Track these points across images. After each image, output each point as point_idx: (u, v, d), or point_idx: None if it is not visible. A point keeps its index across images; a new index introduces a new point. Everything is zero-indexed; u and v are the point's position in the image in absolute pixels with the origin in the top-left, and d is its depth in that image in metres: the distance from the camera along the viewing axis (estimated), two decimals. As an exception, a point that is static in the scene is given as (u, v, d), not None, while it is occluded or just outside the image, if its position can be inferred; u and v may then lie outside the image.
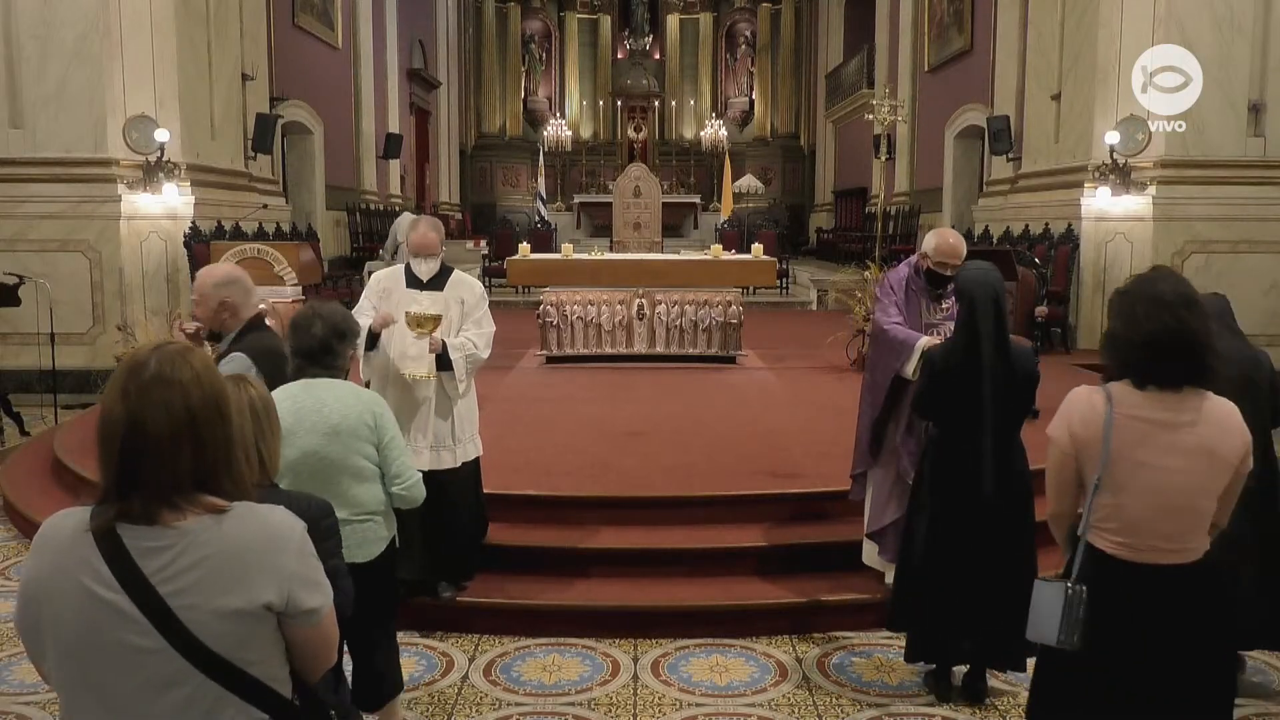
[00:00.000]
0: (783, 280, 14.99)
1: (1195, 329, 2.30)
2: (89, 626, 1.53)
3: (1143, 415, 2.34)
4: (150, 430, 1.53)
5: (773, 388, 8.33)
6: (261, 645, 1.61)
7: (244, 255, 7.08)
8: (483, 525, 4.64)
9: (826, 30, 24.03)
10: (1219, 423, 2.35)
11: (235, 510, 1.59)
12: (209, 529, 1.56)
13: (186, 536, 1.54)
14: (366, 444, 3.06)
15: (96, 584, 1.52)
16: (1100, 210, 10.10)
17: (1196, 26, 9.57)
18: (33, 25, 9.21)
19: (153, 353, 1.59)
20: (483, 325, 4.41)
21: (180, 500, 1.56)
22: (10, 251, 8.95)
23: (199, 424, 1.56)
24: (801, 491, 5.19)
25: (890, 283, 4.50)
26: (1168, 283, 2.38)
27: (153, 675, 1.54)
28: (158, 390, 1.54)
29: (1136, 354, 2.35)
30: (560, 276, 9.48)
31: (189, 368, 1.58)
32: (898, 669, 4.13)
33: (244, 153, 11.34)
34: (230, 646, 1.56)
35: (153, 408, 1.53)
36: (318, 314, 3.18)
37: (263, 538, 1.60)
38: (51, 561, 1.57)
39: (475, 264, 15.17)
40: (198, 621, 1.53)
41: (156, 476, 1.54)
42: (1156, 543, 2.35)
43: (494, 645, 4.32)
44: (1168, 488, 2.32)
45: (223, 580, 1.55)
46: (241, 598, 1.56)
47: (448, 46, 23.37)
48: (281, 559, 1.60)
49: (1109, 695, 2.39)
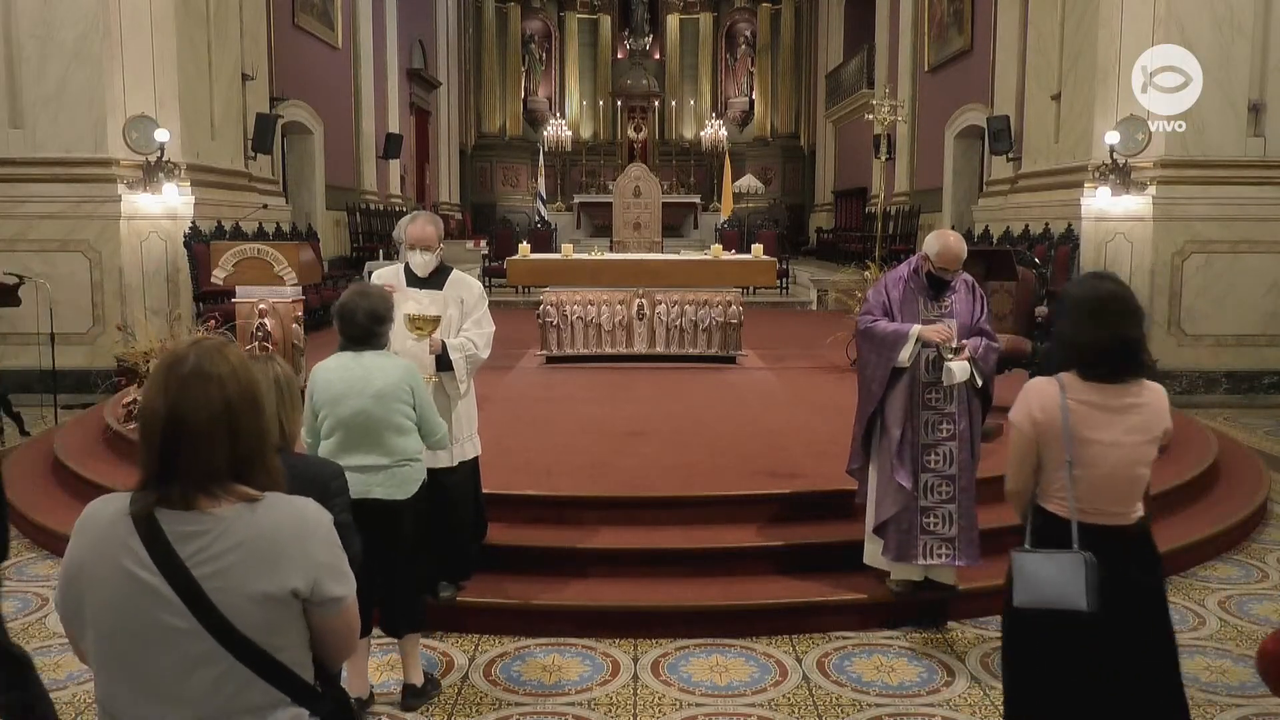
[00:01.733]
0: (783, 280, 14.99)
1: (1134, 337, 2.75)
2: (127, 606, 1.61)
3: (1091, 400, 2.75)
4: (189, 422, 1.61)
5: (773, 387, 8.33)
6: (288, 631, 1.67)
7: (244, 255, 7.07)
8: (483, 525, 4.64)
9: (826, 30, 24.03)
10: (1152, 405, 2.80)
11: (268, 499, 1.67)
12: (243, 516, 1.64)
13: (222, 523, 1.62)
14: (404, 404, 3.64)
15: (135, 565, 1.60)
16: (1100, 210, 10.10)
17: (1196, 26, 9.57)
18: (33, 25, 9.21)
19: (191, 348, 1.68)
20: (482, 325, 4.41)
21: (216, 488, 1.63)
22: (10, 251, 8.94)
23: (236, 416, 1.64)
24: (801, 491, 5.20)
25: (885, 283, 4.52)
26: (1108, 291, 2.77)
27: (185, 655, 1.61)
28: (196, 384, 1.62)
29: (1082, 354, 2.76)
30: (560, 276, 9.48)
31: (226, 362, 1.66)
32: (898, 669, 4.13)
33: (244, 153, 11.34)
34: (259, 630, 1.63)
35: (191, 401, 1.62)
36: (359, 304, 3.64)
37: (294, 527, 1.67)
38: (92, 544, 1.64)
39: (475, 264, 15.17)
40: (229, 604, 1.60)
41: (194, 465, 1.61)
42: (1103, 506, 2.77)
43: (494, 645, 4.32)
44: (1114, 461, 2.74)
45: (254, 565, 1.62)
46: (272, 583, 1.63)
47: (448, 46, 23.37)
48: (311, 547, 1.68)
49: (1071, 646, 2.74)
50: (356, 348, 3.65)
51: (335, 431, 3.62)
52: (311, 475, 2.64)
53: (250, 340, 6.85)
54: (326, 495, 2.55)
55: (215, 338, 1.73)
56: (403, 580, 3.78)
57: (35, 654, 4.18)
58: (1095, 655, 2.72)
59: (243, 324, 6.90)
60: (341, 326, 3.66)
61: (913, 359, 4.27)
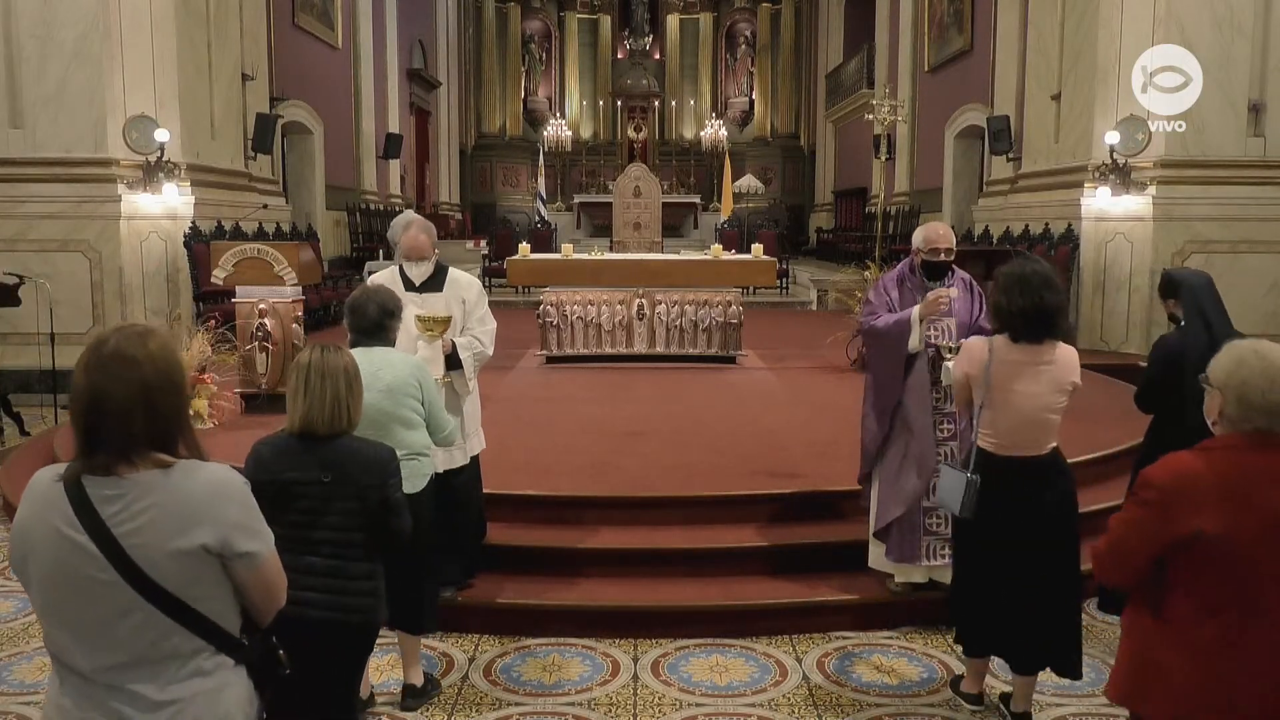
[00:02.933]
0: (783, 280, 14.99)
1: (1052, 304, 3.44)
2: (60, 562, 1.78)
3: (1012, 359, 3.50)
4: (108, 398, 1.77)
5: (773, 388, 8.33)
6: (206, 584, 1.83)
7: (244, 255, 7.07)
8: (483, 525, 4.64)
9: (826, 30, 24.03)
10: (1063, 362, 3.54)
11: (181, 465, 1.83)
12: (158, 480, 1.80)
13: (138, 487, 1.78)
14: (413, 399, 3.63)
15: (66, 526, 1.77)
16: (1100, 210, 10.10)
17: (1196, 26, 9.57)
18: (33, 25, 9.21)
19: (114, 332, 1.84)
20: (486, 322, 4.42)
21: (135, 456, 1.79)
22: (10, 251, 8.94)
23: (151, 393, 1.79)
24: (801, 491, 5.19)
25: (884, 284, 4.51)
26: (1034, 269, 3.47)
27: (111, 605, 1.77)
28: (114, 365, 1.78)
29: (1012, 320, 3.47)
30: (560, 276, 9.48)
31: (144, 346, 1.82)
32: (897, 669, 4.13)
33: (244, 153, 11.34)
34: (177, 582, 1.79)
35: (111, 380, 1.78)
36: (370, 298, 3.68)
37: (205, 489, 1.82)
38: (32, 508, 1.83)
39: (475, 264, 15.17)
40: (146, 559, 1.77)
41: (114, 436, 1.78)
42: (1020, 442, 3.52)
43: (494, 645, 4.32)
44: (1030, 406, 3.49)
45: (167, 523, 1.78)
46: (183, 539, 1.78)
47: (448, 46, 23.37)
48: (220, 507, 1.83)
49: (995, 545, 3.54)
50: (367, 342, 3.66)
51: None
52: (373, 456, 2.85)
53: (250, 340, 6.85)
54: (386, 474, 2.83)
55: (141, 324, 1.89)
56: (415, 577, 3.76)
57: (34, 654, 4.19)
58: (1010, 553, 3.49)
59: (243, 324, 6.89)
60: (353, 321, 3.69)
61: (923, 341, 4.25)
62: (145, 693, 1.80)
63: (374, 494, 2.81)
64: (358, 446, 2.83)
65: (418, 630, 3.85)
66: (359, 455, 2.80)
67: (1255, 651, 2.10)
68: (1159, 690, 2.19)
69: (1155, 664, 2.21)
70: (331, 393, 2.78)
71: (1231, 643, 2.12)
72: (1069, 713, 3.75)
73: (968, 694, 3.83)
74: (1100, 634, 4.40)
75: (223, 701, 1.87)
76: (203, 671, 1.85)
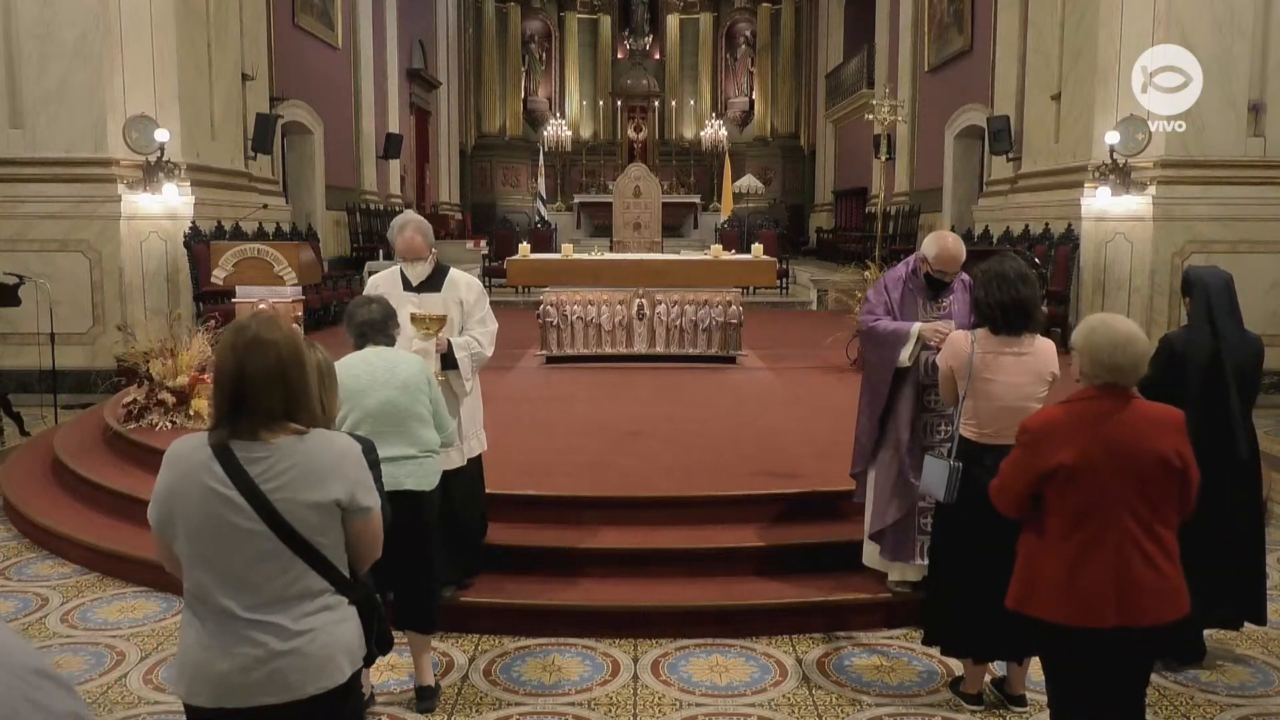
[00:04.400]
0: (783, 280, 14.99)
1: (1028, 298, 3.60)
2: (210, 514, 2.10)
3: (993, 350, 3.63)
4: (252, 375, 2.12)
5: (773, 388, 8.33)
6: (331, 533, 2.19)
7: (244, 255, 7.07)
8: (483, 525, 4.64)
9: (826, 30, 24.03)
10: (1041, 353, 3.66)
11: (313, 433, 2.20)
12: (295, 445, 2.15)
13: (279, 450, 2.13)
14: (425, 395, 3.73)
15: (215, 483, 2.10)
16: (1100, 210, 10.10)
17: (1196, 26, 9.57)
18: (33, 25, 9.21)
19: (251, 319, 2.21)
20: (486, 323, 4.41)
21: (274, 424, 2.14)
22: (10, 251, 8.94)
23: (286, 370, 2.15)
24: (801, 491, 5.19)
25: (885, 282, 4.50)
26: (1011, 266, 3.64)
27: (255, 551, 2.11)
28: (256, 347, 2.13)
29: (991, 312, 3.63)
30: (560, 276, 9.47)
31: (279, 329, 2.18)
32: (897, 669, 4.13)
33: (244, 153, 11.34)
34: (311, 531, 2.14)
35: (253, 359, 2.12)
36: (372, 299, 3.82)
37: (334, 452, 2.19)
38: (181, 469, 2.15)
39: (475, 264, 15.17)
40: (288, 511, 2.11)
41: (257, 407, 2.12)
42: (1001, 430, 3.53)
43: (494, 645, 4.32)
44: (1010, 396, 3.59)
45: (306, 480, 2.13)
46: (320, 493, 2.14)
47: (448, 46, 23.36)
48: (346, 467, 2.20)
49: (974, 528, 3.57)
50: (378, 340, 3.73)
51: (361, 424, 3.57)
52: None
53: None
54: None
55: (269, 311, 2.19)
56: (424, 575, 3.78)
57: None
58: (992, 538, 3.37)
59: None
60: (357, 326, 3.74)
61: (913, 358, 4.26)
62: (284, 624, 2.13)
63: None
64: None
65: (429, 629, 3.86)
66: None
67: (1103, 551, 2.69)
68: (1041, 592, 2.77)
69: (1037, 573, 2.80)
70: None
71: (1087, 547, 2.70)
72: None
73: (967, 694, 3.83)
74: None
75: (344, 632, 2.23)
76: (328, 607, 2.20)
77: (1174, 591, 2.70)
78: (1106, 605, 2.66)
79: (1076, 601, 2.68)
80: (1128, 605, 2.66)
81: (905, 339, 4.26)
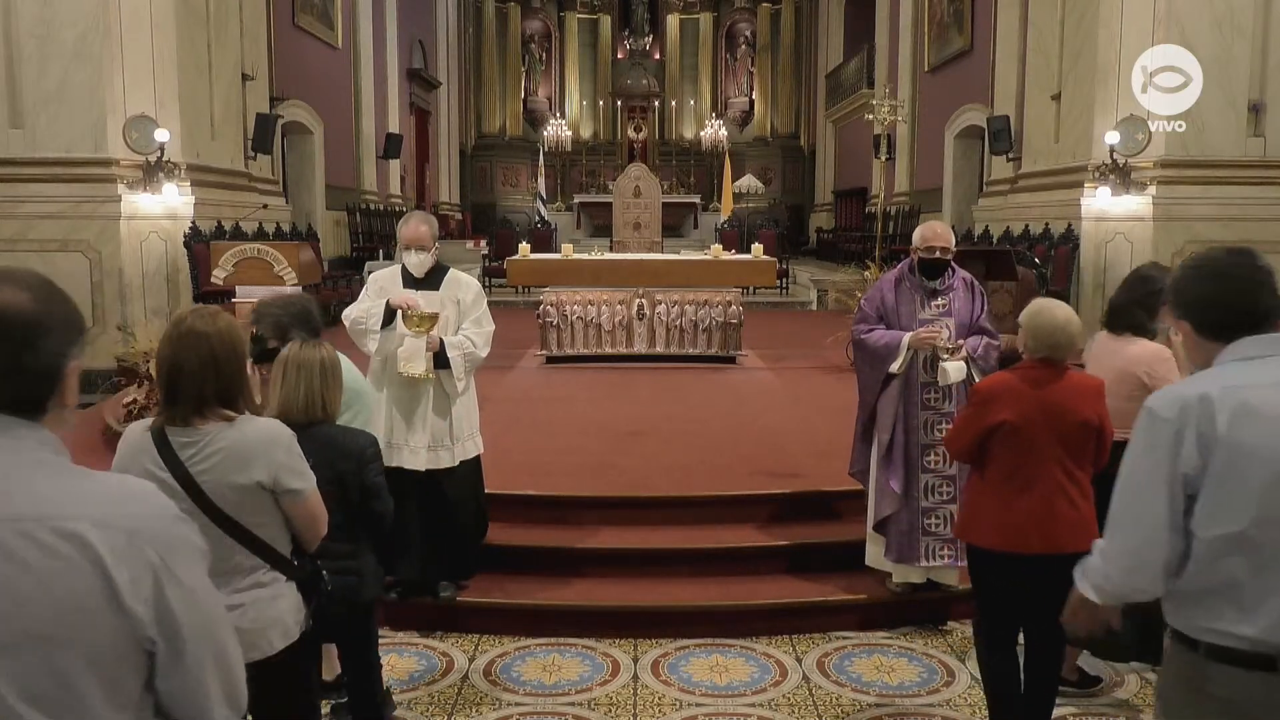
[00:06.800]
0: (783, 280, 14.98)
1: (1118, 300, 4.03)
2: None
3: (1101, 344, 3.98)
4: (184, 365, 2.28)
5: (773, 388, 8.33)
6: (262, 514, 2.35)
7: (244, 255, 7.06)
8: (483, 525, 4.64)
9: (826, 30, 24.02)
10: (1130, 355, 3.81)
11: (241, 419, 2.33)
12: (224, 430, 2.30)
13: (209, 435, 2.29)
14: None
15: (153, 465, 2.28)
16: (1100, 210, 10.09)
17: (1196, 26, 9.56)
18: (33, 25, 9.20)
19: (190, 313, 2.37)
20: (482, 324, 4.39)
21: (206, 411, 2.29)
22: (10, 251, 8.94)
23: (218, 362, 2.28)
24: (801, 491, 5.19)
25: (880, 287, 4.50)
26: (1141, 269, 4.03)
27: None
28: (189, 339, 2.28)
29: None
30: (560, 276, 9.47)
31: (213, 324, 2.32)
32: (897, 669, 4.13)
33: (244, 153, 11.33)
34: (239, 511, 2.31)
35: (186, 351, 2.28)
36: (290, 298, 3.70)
37: (260, 438, 2.33)
38: (125, 453, 2.36)
39: (475, 264, 15.16)
40: (216, 492, 2.28)
41: (189, 395, 2.28)
42: None
43: (494, 645, 4.32)
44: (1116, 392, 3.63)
45: (231, 464, 2.28)
46: (243, 476, 2.29)
47: (448, 46, 23.35)
48: (272, 452, 2.33)
49: None
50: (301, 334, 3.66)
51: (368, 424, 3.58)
52: (351, 444, 3.02)
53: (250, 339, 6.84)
54: (363, 461, 3.01)
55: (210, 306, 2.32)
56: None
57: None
58: None
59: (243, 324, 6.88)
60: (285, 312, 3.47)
61: (906, 365, 4.27)
62: None
63: (353, 479, 2.97)
64: (333, 434, 2.98)
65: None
66: (334, 442, 2.95)
67: (1032, 494, 3.20)
68: (981, 523, 3.30)
69: (979, 509, 3.32)
70: (306, 384, 2.92)
71: (1020, 489, 3.21)
72: (1068, 712, 3.75)
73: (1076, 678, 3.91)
74: (1100, 634, 4.40)
75: (276, 607, 2.40)
76: (260, 583, 2.38)
77: (1087, 524, 3.18)
78: (1032, 535, 3.18)
79: (1008, 532, 3.22)
80: (1050, 536, 3.16)
81: (895, 352, 4.26)
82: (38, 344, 1.28)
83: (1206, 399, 1.80)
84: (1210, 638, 1.83)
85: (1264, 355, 1.84)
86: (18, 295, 1.28)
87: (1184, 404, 1.83)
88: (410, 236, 4.30)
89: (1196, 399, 1.81)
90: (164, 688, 1.31)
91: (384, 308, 4.21)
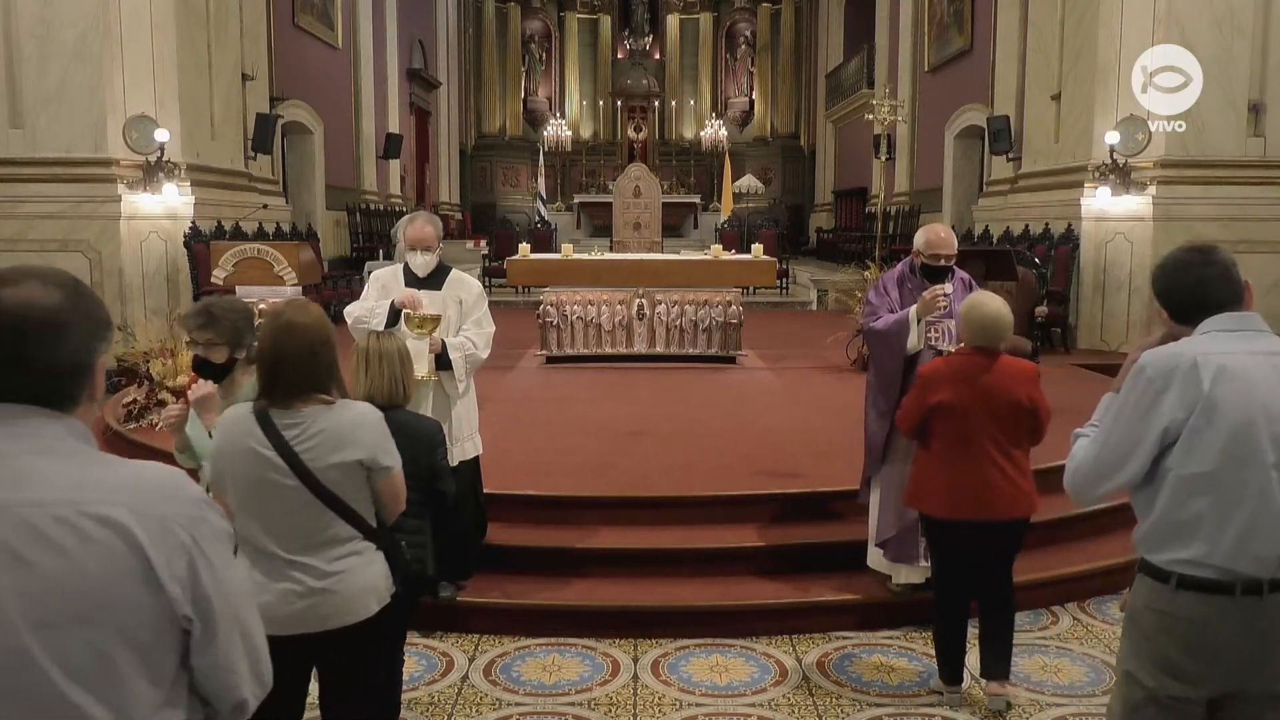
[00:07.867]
0: (783, 280, 14.99)
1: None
2: (253, 472, 2.51)
3: None
4: (286, 354, 2.51)
5: (773, 388, 8.33)
6: (357, 489, 2.57)
7: (244, 255, 7.07)
8: (483, 525, 4.64)
9: (826, 30, 24.03)
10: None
11: (338, 403, 2.58)
12: (323, 413, 2.53)
13: (310, 417, 2.52)
14: None
15: (258, 445, 2.49)
16: (1100, 210, 10.10)
17: (1196, 26, 9.57)
18: (33, 25, 9.21)
19: (286, 306, 2.66)
20: (482, 325, 4.39)
21: (306, 395, 2.52)
22: (10, 251, 8.94)
23: (315, 350, 2.53)
24: (801, 491, 5.19)
25: (884, 284, 4.49)
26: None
27: (291, 503, 2.50)
28: (289, 330, 2.53)
29: None
30: (560, 276, 9.47)
31: (309, 314, 2.59)
32: (897, 669, 4.13)
33: (244, 153, 11.34)
34: (338, 487, 2.53)
35: (286, 340, 2.52)
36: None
37: (355, 420, 2.57)
38: (229, 433, 2.55)
39: (475, 264, 15.16)
40: (318, 469, 2.49)
41: (291, 381, 2.51)
42: None
43: (494, 645, 4.32)
44: None
45: (332, 444, 2.51)
46: (344, 454, 2.52)
47: (448, 46, 23.36)
48: (366, 433, 2.57)
49: None
50: None
51: None
52: (422, 428, 3.26)
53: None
54: (433, 445, 3.24)
55: (303, 300, 2.59)
56: None
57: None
58: None
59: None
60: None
61: (923, 342, 4.24)
62: (318, 565, 2.54)
63: (423, 460, 3.15)
64: (408, 419, 3.20)
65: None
66: (409, 426, 3.13)
67: (968, 466, 3.60)
68: (927, 492, 3.71)
69: (925, 479, 3.73)
70: (389, 371, 3.18)
71: (958, 463, 3.61)
72: (1069, 713, 3.75)
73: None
74: (1100, 634, 4.41)
75: (371, 572, 2.62)
76: (356, 552, 2.59)
77: (1024, 495, 3.64)
78: (970, 504, 3.58)
79: (951, 501, 3.62)
80: (986, 504, 3.59)
81: (906, 325, 4.25)
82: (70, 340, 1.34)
83: (1193, 364, 2.15)
84: (1180, 568, 2.14)
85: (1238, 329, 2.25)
86: (51, 294, 1.33)
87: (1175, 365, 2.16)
88: (416, 237, 4.31)
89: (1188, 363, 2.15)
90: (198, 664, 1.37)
91: (388, 309, 4.20)
